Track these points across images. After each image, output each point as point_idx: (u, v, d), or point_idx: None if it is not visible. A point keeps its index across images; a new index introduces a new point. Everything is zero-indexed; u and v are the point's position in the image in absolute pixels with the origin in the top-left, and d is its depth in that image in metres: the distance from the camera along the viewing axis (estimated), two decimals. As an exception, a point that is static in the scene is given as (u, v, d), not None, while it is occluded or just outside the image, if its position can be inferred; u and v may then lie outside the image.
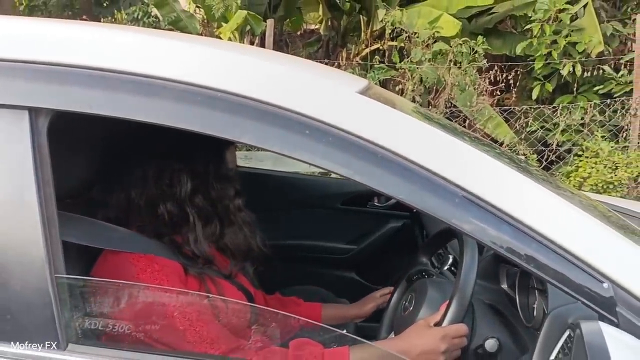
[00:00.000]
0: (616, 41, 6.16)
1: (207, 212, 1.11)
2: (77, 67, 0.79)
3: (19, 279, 0.74)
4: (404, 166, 0.77)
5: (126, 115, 0.78)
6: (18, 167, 0.76)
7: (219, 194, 1.12)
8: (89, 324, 0.79)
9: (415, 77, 5.09)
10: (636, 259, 0.80)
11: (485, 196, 0.77)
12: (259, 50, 1.64)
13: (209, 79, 0.78)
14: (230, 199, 1.14)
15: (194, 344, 0.94)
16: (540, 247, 0.76)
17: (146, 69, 0.78)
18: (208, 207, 1.11)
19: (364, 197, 2.20)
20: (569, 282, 0.76)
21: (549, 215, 0.79)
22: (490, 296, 1.29)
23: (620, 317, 0.75)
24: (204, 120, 0.77)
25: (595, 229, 0.80)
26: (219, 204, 1.13)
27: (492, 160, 0.82)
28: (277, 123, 0.79)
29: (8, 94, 0.77)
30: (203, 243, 1.10)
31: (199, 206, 1.10)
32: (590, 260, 0.75)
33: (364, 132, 0.78)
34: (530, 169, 1.18)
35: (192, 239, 1.09)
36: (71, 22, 0.95)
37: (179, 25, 7.02)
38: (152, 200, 1.08)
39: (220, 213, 1.13)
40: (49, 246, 0.74)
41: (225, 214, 1.14)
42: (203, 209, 1.10)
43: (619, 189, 4.41)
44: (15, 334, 0.74)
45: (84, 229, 0.96)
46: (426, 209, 0.78)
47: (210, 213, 1.12)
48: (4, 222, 0.75)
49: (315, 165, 0.77)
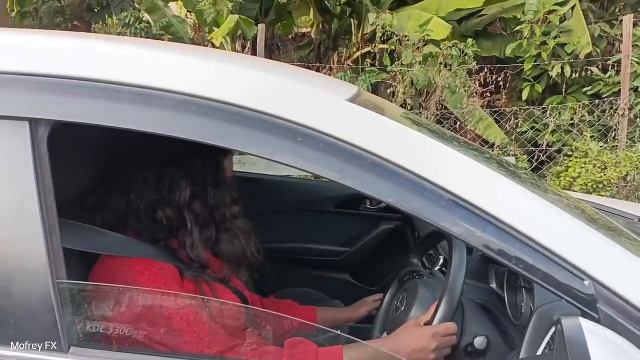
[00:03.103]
0: (604, 42, 6.24)
1: (204, 219, 1.14)
2: (76, 79, 0.81)
3: (22, 285, 0.77)
4: (392, 170, 0.80)
5: (125, 125, 0.81)
6: (19, 177, 0.78)
7: (216, 201, 1.15)
8: (90, 327, 0.82)
9: (407, 80, 5.14)
10: (616, 257, 0.84)
11: (470, 199, 0.80)
12: (255, 60, 1.67)
13: (205, 90, 0.81)
14: (227, 206, 1.17)
15: (192, 345, 0.97)
16: (523, 246, 0.79)
17: (144, 80, 0.81)
18: (205, 213, 1.14)
19: (356, 200, 2.23)
20: (552, 280, 0.79)
21: (532, 215, 0.82)
22: (480, 295, 1.32)
23: (601, 314, 0.78)
24: (201, 129, 0.80)
25: (577, 228, 0.84)
26: (216, 211, 1.15)
27: (478, 164, 0.85)
28: (271, 131, 0.82)
29: (9, 105, 0.80)
30: (199, 248, 1.12)
31: (196, 212, 1.12)
32: (572, 258, 0.79)
33: (354, 139, 0.81)
34: (517, 172, 1.22)
35: (188, 244, 1.12)
36: (68, 34, 0.98)
37: (171, 31, 7.03)
38: (151, 205, 1.10)
39: (217, 219, 1.16)
40: (50, 253, 0.77)
41: (222, 221, 1.17)
42: (200, 215, 1.13)
43: (608, 189, 4.47)
44: (19, 337, 0.76)
45: (84, 236, 0.98)
46: (413, 212, 0.81)
47: (208, 219, 1.14)
48: (7, 231, 0.78)
49: (306, 172, 0.80)
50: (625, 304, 0.79)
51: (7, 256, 0.78)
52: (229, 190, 1.18)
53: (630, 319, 0.78)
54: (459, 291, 1.05)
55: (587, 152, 4.69)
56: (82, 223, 1.02)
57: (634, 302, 0.79)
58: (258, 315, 1.06)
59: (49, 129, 0.80)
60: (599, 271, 0.79)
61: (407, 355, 1.02)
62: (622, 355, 0.69)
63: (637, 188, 4.79)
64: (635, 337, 0.78)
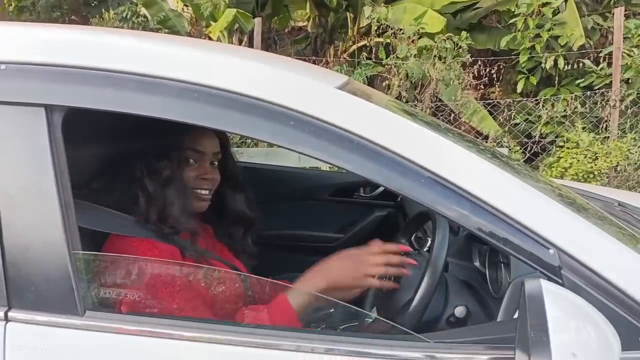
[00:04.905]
0: (597, 34, 6.32)
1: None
2: (87, 68, 0.89)
3: (42, 256, 0.85)
4: (375, 150, 0.88)
5: (131, 110, 0.88)
6: (37, 158, 0.86)
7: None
8: (103, 293, 0.90)
9: (401, 72, 5.21)
10: (580, 229, 0.92)
11: (447, 176, 0.88)
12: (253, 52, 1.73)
13: (206, 78, 0.89)
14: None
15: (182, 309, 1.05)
16: (495, 219, 0.87)
17: (149, 69, 0.89)
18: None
19: (350, 188, 2.32)
20: (520, 249, 0.87)
21: (503, 191, 0.90)
22: (464, 273, 1.41)
23: (565, 279, 0.87)
24: (202, 114, 0.88)
25: (543, 202, 0.92)
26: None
27: (454, 145, 0.93)
28: (267, 116, 0.90)
29: (27, 93, 0.87)
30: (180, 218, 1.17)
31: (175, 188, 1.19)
32: (538, 229, 0.87)
33: (341, 122, 0.89)
34: (491, 153, 1.30)
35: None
36: (77, 28, 1.05)
37: (168, 25, 7.08)
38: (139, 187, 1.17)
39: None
40: (66, 226, 0.84)
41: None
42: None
43: (598, 178, 4.56)
44: (39, 303, 0.84)
45: (97, 216, 1.07)
46: (395, 189, 0.89)
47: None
48: (27, 207, 0.86)
49: (297, 152, 0.88)
50: (587, 270, 0.87)
51: (27, 230, 0.86)
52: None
53: (591, 283, 0.87)
54: (441, 265, 1.13)
55: (578, 143, 4.77)
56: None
57: (595, 269, 0.87)
58: (252, 282, 1.15)
59: (63, 114, 0.88)
60: (563, 241, 0.88)
61: (342, 277, 1.08)
62: (580, 313, 0.77)
63: (627, 178, 4.89)
64: (596, 300, 0.86)
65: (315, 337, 0.90)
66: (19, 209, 0.86)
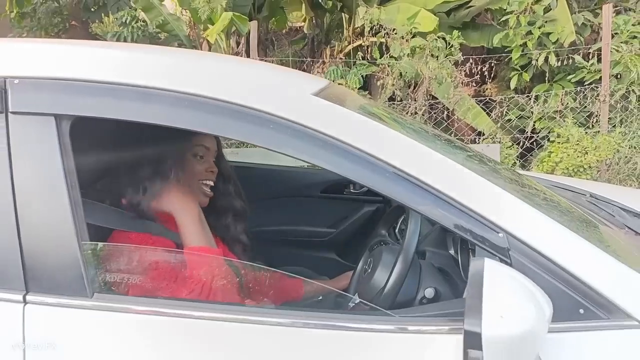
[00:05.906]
0: (588, 30, 6.41)
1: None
2: (92, 81, 1.02)
3: (54, 246, 0.98)
4: (345, 149, 1.00)
5: (131, 118, 1.01)
6: (49, 161, 0.98)
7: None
8: (109, 278, 1.03)
9: (395, 71, 5.32)
10: (527, 214, 1.04)
11: (409, 170, 1.01)
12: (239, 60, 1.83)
13: (196, 88, 1.01)
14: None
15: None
16: (451, 207, 1.00)
17: (145, 81, 1.01)
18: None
19: (340, 186, 2.42)
20: (474, 233, 1.00)
21: (457, 181, 1.02)
22: (440, 260, 1.53)
23: (513, 259, 0.99)
24: (192, 120, 1.00)
25: (494, 191, 1.04)
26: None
27: (414, 141, 1.06)
28: (249, 120, 1.02)
29: (38, 104, 1.00)
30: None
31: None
32: (488, 215, 0.99)
33: (315, 125, 1.01)
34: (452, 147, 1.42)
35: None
36: (82, 43, 1.18)
37: (167, 28, 7.19)
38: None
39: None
40: (75, 220, 0.97)
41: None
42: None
43: (588, 172, 4.67)
44: (53, 287, 0.97)
45: (101, 212, 1.19)
46: (364, 182, 1.01)
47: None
48: (41, 205, 0.98)
49: (277, 152, 1.00)
50: (533, 251, 0.99)
51: (41, 224, 0.98)
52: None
53: (537, 263, 0.99)
54: (412, 251, 1.25)
55: (568, 138, 4.88)
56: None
57: (540, 249, 0.99)
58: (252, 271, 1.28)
59: (70, 122, 1.00)
60: (511, 225, 1.00)
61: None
62: (514, 284, 0.88)
63: (618, 171, 4.99)
64: (541, 277, 0.98)
65: (296, 313, 1.03)
66: (33, 206, 0.98)
